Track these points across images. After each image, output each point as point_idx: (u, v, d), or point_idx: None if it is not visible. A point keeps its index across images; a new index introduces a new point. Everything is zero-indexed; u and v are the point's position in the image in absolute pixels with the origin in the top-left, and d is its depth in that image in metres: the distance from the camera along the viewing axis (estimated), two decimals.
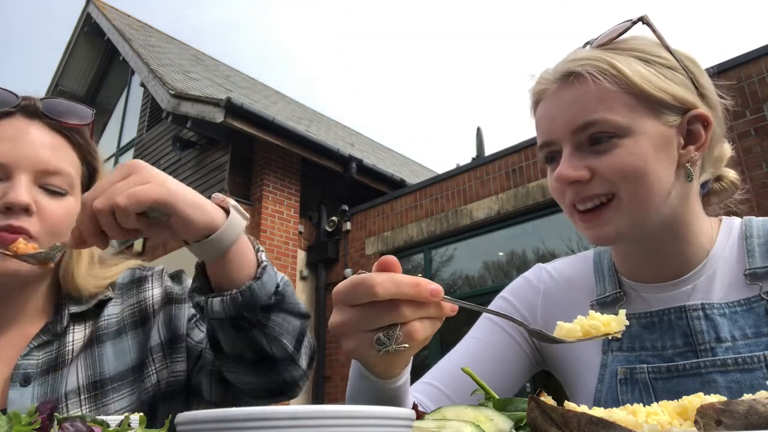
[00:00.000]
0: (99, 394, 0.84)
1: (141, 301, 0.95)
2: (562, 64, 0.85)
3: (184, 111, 7.97)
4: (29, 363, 0.83)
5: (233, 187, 8.06)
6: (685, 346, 0.82)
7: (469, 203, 7.00)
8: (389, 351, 0.57)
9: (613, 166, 0.79)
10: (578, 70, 0.81)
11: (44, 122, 0.86)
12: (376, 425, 0.39)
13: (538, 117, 0.88)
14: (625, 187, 0.79)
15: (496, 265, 6.94)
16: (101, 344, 0.89)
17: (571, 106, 0.81)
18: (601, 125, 0.79)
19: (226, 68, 13.48)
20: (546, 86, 0.86)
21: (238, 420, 0.38)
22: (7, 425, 0.47)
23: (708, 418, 0.36)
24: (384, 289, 0.56)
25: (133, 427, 0.52)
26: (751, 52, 5.15)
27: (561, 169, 0.81)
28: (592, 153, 0.80)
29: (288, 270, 8.03)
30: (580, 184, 0.80)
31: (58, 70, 12.00)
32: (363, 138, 14.74)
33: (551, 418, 0.43)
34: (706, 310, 0.81)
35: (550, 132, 0.85)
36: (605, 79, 0.79)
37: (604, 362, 0.87)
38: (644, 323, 0.86)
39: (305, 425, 0.37)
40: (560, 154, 0.84)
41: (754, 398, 0.38)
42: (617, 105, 0.79)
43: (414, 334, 0.56)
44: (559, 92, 0.84)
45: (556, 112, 0.84)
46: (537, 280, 1.01)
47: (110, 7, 11.77)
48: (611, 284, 0.92)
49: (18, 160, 0.80)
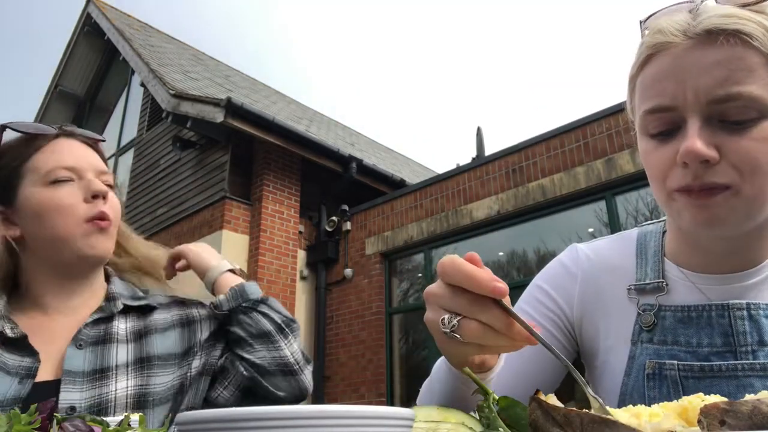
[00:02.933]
0: (146, 366, 1.02)
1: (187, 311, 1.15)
2: (703, 18, 0.70)
3: (184, 111, 7.97)
4: (84, 332, 1.01)
5: (233, 187, 8.06)
6: (724, 346, 0.75)
7: (469, 203, 7.00)
8: (446, 334, 0.57)
9: (747, 152, 0.67)
10: (735, 28, 0.68)
11: (79, 139, 1.10)
12: (376, 425, 0.39)
13: (654, 73, 0.73)
14: (751, 180, 0.68)
15: (496, 265, 6.94)
16: (149, 336, 1.07)
17: (711, 71, 0.68)
18: (745, 101, 0.67)
19: (226, 68, 13.48)
20: (672, 40, 0.72)
21: (238, 420, 0.38)
22: (7, 425, 0.47)
23: (712, 418, 0.36)
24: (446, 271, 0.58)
25: (133, 427, 0.52)
26: None
27: (693, 143, 0.67)
28: (723, 131, 0.68)
29: (288, 270, 8.03)
30: (703, 165, 0.68)
31: (58, 70, 12.00)
32: (363, 138, 14.74)
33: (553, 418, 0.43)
34: (752, 310, 0.75)
35: (672, 95, 0.70)
36: (760, 43, 0.67)
37: (632, 354, 0.81)
38: (680, 317, 0.79)
39: (305, 425, 0.37)
40: (676, 126, 0.71)
41: (758, 398, 0.37)
42: (765, 79, 0.67)
43: (467, 331, 0.56)
44: (694, 51, 0.70)
45: (688, 73, 0.69)
46: (574, 265, 0.93)
47: (110, 7, 11.77)
48: (654, 271, 0.84)
49: (83, 165, 1.04)
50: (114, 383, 0.97)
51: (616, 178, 5.68)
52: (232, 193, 7.99)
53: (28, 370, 0.93)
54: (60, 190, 1.00)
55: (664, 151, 0.73)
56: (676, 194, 0.72)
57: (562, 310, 0.91)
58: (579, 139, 6.12)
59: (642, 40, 0.77)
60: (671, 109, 0.71)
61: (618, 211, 5.78)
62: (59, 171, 1.01)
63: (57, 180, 1.00)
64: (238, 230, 7.89)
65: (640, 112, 0.76)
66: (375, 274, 7.79)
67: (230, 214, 7.85)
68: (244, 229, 7.96)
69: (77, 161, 1.04)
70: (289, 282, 8.00)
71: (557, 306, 0.91)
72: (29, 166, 1.02)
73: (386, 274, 7.83)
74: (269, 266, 7.79)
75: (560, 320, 0.91)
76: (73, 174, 1.02)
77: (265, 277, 7.70)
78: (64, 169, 1.02)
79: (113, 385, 0.96)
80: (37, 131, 1.05)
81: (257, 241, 7.81)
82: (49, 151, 1.04)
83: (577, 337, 0.91)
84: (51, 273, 1.02)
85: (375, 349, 7.45)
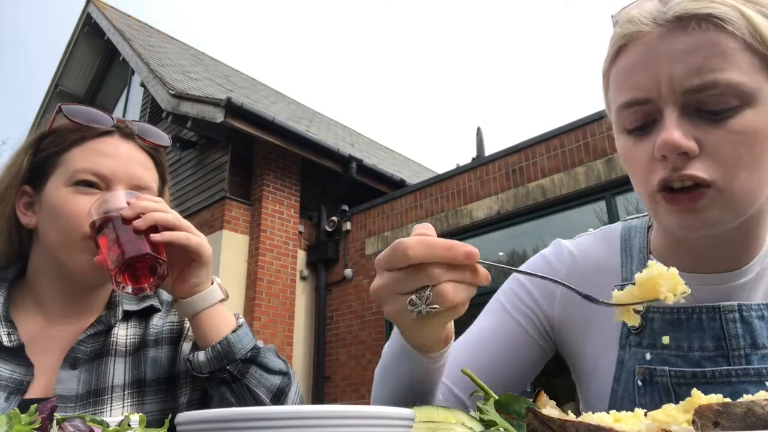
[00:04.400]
0: (140, 392, 0.96)
1: (182, 321, 1.05)
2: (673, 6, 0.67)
3: (184, 111, 7.97)
4: (80, 349, 0.94)
5: (233, 187, 8.06)
6: (716, 351, 0.71)
7: (469, 203, 7.00)
8: (421, 312, 0.57)
9: (729, 145, 0.64)
10: (707, 12, 0.64)
11: (135, 143, 0.99)
12: (376, 425, 0.40)
13: (627, 66, 0.70)
14: (734, 175, 0.64)
15: None
16: (145, 349, 1.00)
17: (686, 59, 0.64)
18: (723, 88, 0.63)
19: (226, 68, 13.47)
20: (643, 28, 0.68)
21: (238, 420, 0.38)
22: (7, 425, 0.47)
23: (705, 420, 0.36)
24: (415, 251, 0.56)
25: (133, 427, 0.52)
26: None
27: (670, 134, 0.64)
28: (703, 122, 0.65)
29: (288, 270, 8.03)
30: (682, 158, 0.65)
31: (58, 70, 12.00)
32: (363, 138, 14.73)
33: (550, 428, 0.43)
34: (743, 311, 0.71)
35: (647, 87, 0.67)
36: (735, 27, 0.64)
37: (621, 358, 0.78)
38: (669, 319, 0.75)
39: (305, 425, 0.37)
40: (652, 118, 0.68)
41: (752, 399, 0.37)
42: (744, 64, 0.63)
43: (445, 295, 0.56)
44: (666, 38, 0.66)
45: (660, 63, 0.66)
46: (557, 261, 0.89)
47: (110, 7, 11.77)
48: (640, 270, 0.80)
49: (117, 175, 0.93)
50: (109, 409, 0.91)
51: (616, 178, 5.67)
52: (232, 193, 7.99)
53: (19, 384, 0.87)
54: (78, 196, 0.91)
55: (643, 147, 0.69)
56: (659, 196, 0.68)
57: (539, 306, 0.88)
58: (579, 139, 6.12)
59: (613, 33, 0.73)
60: (646, 101, 0.68)
61: (618, 211, 5.78)
62: (86, 174, 0.92)
63: (79, 184, 0.92)
64: (238, 230, 7.88)
65: (615, 106, 0.73)
66: (375, 274, 7.77)
67: (230, 214, 7.85)
68: (244, 229, 7.96)
69: (113, 168, 0.93)
70: (289, 282, 8.00)
71: (534, 302, 0.88)
72: (65, 158, 0.94)
73: None
74: (269, 266, 7.79)
75: (536, 316, 0.88)
76: (102, 182, 0.92)
77: (265, 277, 7.69)
78: (93, 174, 0.92)
79: (108, 412, 0.90)
80: (86, 122, 0.95)
81: (257, 241, 7.81)
82: (90, 149, 0.94)
83: (555, 336, 0.88)
84: (56, 276, 0.95)
85: (375, 349, 7.45)
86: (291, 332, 7.83)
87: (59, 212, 0.91)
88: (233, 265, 7.65)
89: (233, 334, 0.88)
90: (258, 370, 0.88)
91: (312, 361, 8.00)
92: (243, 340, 0.88)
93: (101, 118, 0.97)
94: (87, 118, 0.95)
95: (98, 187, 0.92)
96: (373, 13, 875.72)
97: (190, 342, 1.01)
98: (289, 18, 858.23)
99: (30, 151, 0.97)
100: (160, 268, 0.83)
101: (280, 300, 7.81)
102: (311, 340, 8.14)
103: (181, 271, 0.89)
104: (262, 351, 0.90)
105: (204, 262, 0.89)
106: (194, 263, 0.89)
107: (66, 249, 0.91)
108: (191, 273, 0.89)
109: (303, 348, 8.02)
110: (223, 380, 0.87)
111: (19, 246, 0.99)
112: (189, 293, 0.89)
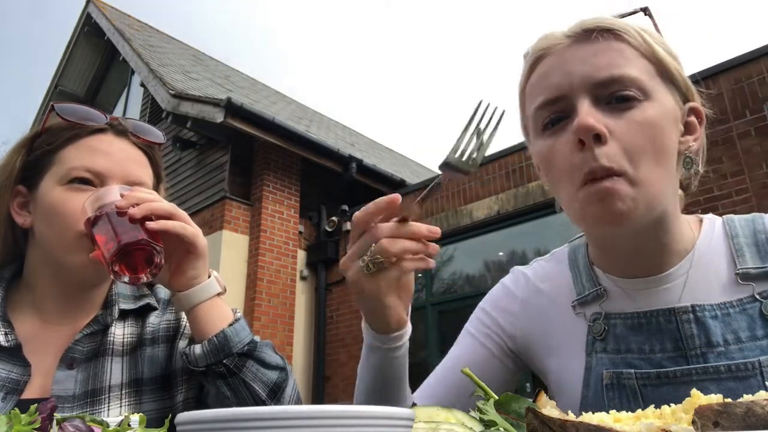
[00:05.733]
0: (138, 391, 0.95)
1: (178, 319, 1.05)
2: (579, 23, 0.79)
3: (184, 111, 7.97)
4: (77, 348, 0.93)
5: (233, 187, 8.06)
6: (675, 351, 0.76)
7: (469, 203, 7.00)
8: (369, 267, 0.69)
9: (632, 130, 0.72)
10: (605, 26, 0.76)
11: (129, 140, 0.99)
12: (376, 425, 0.40)
13: (541, 73, 0.79)
14: (639, 165, 0.71)
15: (496, 265, 6.94)
16: (142, 348, 1.00)
17: (592, 60, 0.75)
18: (626, 82, 0.73)
19: (226, 68, 13.47)
20: (555, 42, 0.79)
21: (238, 420, 0.38)
22: (7, 425, 0.47)
23: (705, 419, 0.36)
24: (356, 216, 0.71)
25: (133, 427, 0.52)
26: (751, 52, 5.15)
27: (584, 118, 0.71)
28: (610, 113, 0.73)
29: (288, 270, 8.03)
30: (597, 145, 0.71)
31: (58, 70, 12.00)
32: (363, 138, 14.74)
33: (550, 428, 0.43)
34: (697, 312, 0.76)
35: (560, 87, 0.76)
36: (632, 39, 0.75)
37: (588, 365, 0.82)
38: (630, 324, 0.80)
39: (305, 425, 0.37)
40: (567, 114, 0.76)
41: (752, 399, 0.37)
42: (641, 67, 0.75)
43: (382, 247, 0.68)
44: (574, 47, 0.77)
45: (571, 65, 0.76)
46: (515, 287, 0.97)
47: (110, 7, 11.77)
48: (589, 281, 0.87)
49: (112, 172, 0.93)
50: (106, 409, 0.90)
51: None
52: (232, 193, 7.99)
53: (16, 384, 0.87)
54: (73, 194, 0.90)
55: (561, 140, 0.76)
56: (581, 193, 0.73)
57: (502, 330, 0.95)
58: None
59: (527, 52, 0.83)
60: (560, 99, 0.76)
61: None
62: (80, 172, 0.91)
63: (74, 181, 0.91)
64: (238, 230, 7.89)
65: (531, 112, 0.81)
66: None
67: (230, 215, 7.85)
68: (244, 229, 7.96)
69: (108, 165, 0.93)
70: (289, 282, 8.00)
71: (498, 326, 0.95)
72: (59, 157, 0.93)
73: None
74: (269, 266, 7.79)
75: (499, 338, 0.95)
76: (96, 179, 0.92)
77: (265, 277, 7.70)
78: (87, 171, 0.92)
79: (105, 412, 0.90)
80: (80, 120, 0.94)
81: (257, 241, 7.81)
82: (84, 146, 0.94)
83: (520, 353, 0.94)
84: (53, 276, 0.95)
85: None
86: (291, 332, 7.83)
87: (54, 211, 0.90)
88: (233, 265, 7.65)
89: (230, 328, 0.87)
90: (255, 365, 0.87)
91: (312, 361, 8.00)
92: (240, 333, 0.87)
93: (94, 115, 0.96)
94: (80, 116, 0.95)
95: (93, 185, 0.91)
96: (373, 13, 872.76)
97: (186, 340, 1.02)
98: (289, 18, 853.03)
99: (23, 150, 0.97)
100: (157, 256, 0.82)
101: (280, 300, 7.81)
102: (311, 340, 8.14)
103: (178, 263, 0.88)
104: (259, 345, 0.90)
105: (200, 254, 0.88)
106: (190, 255, 0.87)
107: (62, 247, 0.91)
108: (188, 265, 0.88)
109: (303, 348, 8.02)
110: (220, 374, 0.85)
111: (15, 246, 0.98)
112: (186, 286, 0.88)
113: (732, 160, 5.06)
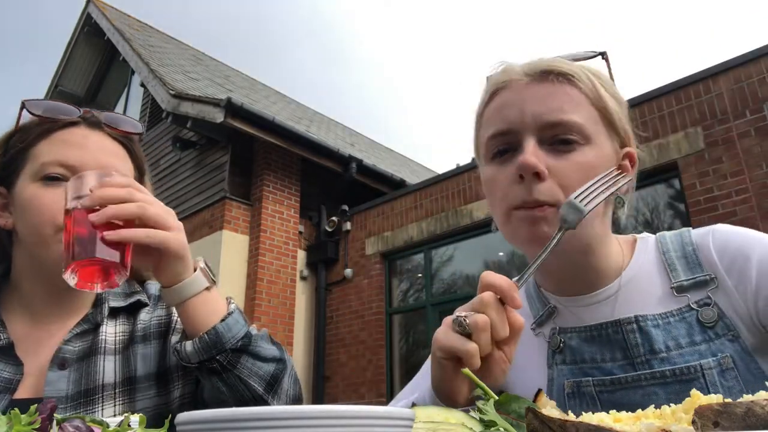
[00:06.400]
0: (131, 389, 0.94)
1: (170, 314, 1.03)
2: (539, 62, 0.85)
3: (184, 111, 7.97)
4: (68, 349, 0.92)
5: (233, 187, 8.06)
6: (624, 359, 0.82)
7: (469, 203, 7.00)
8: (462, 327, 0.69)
9: (569, 169, 0.79)
10: (564, 70, 0.83)
11: (105, 132, 0.97)
12: (376, 425, 0.40)
13: (498, 105, 0.86)
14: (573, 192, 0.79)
15: (496, 265, 6.93)
16: (134, 345, 0.99)
17: (545, 101, 0.81)
18: (570, 127, 0.80)
19: (226, 68, 13.48)
20: (514, 77, 0.85)
21: (238, 420, 0.38)
22: (7, 425, 0.47)
23: (705, 419, 0.36)
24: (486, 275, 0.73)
25: (133, 427, 0.52)
26: (751, 52, 5.15)
27: (527, 157, 0.79)
28: (552, 154, 0.80)
29: (288, 270, 8.03)
30: (535, 181, 0.79)
31: (58, 70, 12.00)
32: (363, 138, 14.74)
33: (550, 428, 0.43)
34: (640, 322, 0.82)
35: (513, 121, 0.83)
36: (584, 85, 0.83)
37: (550, 377, 0.88)
38: (584, 337, 0.87)
39: (305, 425, 0.37)
40: (513, 147, 0.83)
41: (752, 399, 0.37)
42: (587, 113, 0.82)
43: (475, 322, 0.69)
44: (532, 85, 0.84)
45: (526, 103, 0.82)
46: None
47: (110, 7, 11.78)
48: (540, 303, 0.94)
49: (86, 164, 0.90)
50: (100, 409, 0.89)
51: None
52: (232, 193, 7.99)
53: (8, 383, 0.86)
54: (48, 189, 0.89)
55: (504, 171, 0.83)
56: (513, 212, 0.82)
57: None
58: None
59: (487, 82, 0.90)
60: (510, 132, 0.83)
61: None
62: (53, 167, 0.90)
63: (49, 177, 0.90)
64: (238, 230, 7.89)
65: (484, 140, 0.88)
66: (375, 274, 7.78)
67: (230, 215, 7.85)
68: (244, 229, 7.96)
69: (82, 158, 0.91)
70: (289, 282, 8.00)
71: None
72: (32, 153, 0.92)
73: (386, 274, 7.82)
74: (269, 266, 7.79)
75: None
76: (70, 173, 0.89)
77: (265, 277, 7.70)
78: (61, 166, 0.90)
79: (99, 411, 0.89)
80: (51, 114, 0.93)
81: (257, 242, 7.81)
82: (57, 140, 0.92)
83: None
84: (39, 275, 0.93)
85: (375, 349, 7.45)
86: (291, 332, 7.83)
87: (30, 207, 0.89)
88: (233, 265, 7.66)
89: (222, 324, 0.83)
90: (250, 359, 0.84)
91: (312, 362, 8.00)
92: (233, 328, 0.83)
93: (66, 109, 0.95)
94: (50, 110, 0.93)
95: (67, 180, 0.86)
96: (372, 12, 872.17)
97: (179, 335, 0.99)
98: (289, 18, 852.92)
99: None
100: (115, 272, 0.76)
101: (280, 300, 7.81)
102: (311, 341, 8.14)
103: (156, 262, 0.83)
104: (254, 339, 0.86)
105: (173, 257, 0.81)
106: (165, 257, 0.81)
107: (40, 244, 0.89)
108: (165, 265, 0.82)
109: (303, 348, 8.03)
110: (213, 370, 0.83)
111: (1, 248, 0.97)
112: (170, 282, 0.83)
113: (732, 160, 5.06)
